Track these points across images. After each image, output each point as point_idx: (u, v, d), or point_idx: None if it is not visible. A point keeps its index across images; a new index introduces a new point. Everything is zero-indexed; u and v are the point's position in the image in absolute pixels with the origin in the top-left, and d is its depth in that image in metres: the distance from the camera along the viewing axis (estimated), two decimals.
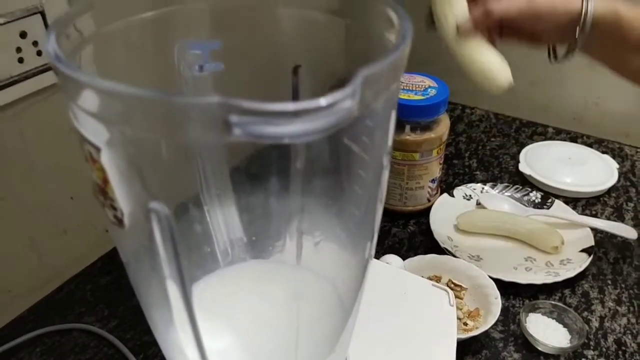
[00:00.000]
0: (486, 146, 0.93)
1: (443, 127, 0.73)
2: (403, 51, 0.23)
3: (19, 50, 0.54)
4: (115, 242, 0.29)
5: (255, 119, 0.19)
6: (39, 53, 0.55)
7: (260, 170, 0.34)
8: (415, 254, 0.68)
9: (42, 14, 0.54)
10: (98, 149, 0.21)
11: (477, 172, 0.87)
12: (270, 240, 0.37)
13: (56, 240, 0.66)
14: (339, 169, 0.32)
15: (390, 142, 0.32)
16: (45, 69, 0.57)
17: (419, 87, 0.72)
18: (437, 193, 0.79)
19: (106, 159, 0.21)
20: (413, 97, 0.70)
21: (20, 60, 0.54)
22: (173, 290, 0.27)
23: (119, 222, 0.23)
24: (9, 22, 0.52)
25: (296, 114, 0.19)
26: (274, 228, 0.36)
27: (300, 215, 0.33)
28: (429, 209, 0.76)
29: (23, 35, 0.53)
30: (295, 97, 0.33)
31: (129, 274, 0.31)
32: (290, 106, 0.19)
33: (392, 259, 0.58)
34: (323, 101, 0.19)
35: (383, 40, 0.28)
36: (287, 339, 0.31)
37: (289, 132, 0.19)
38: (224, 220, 0.36)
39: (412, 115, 0.70)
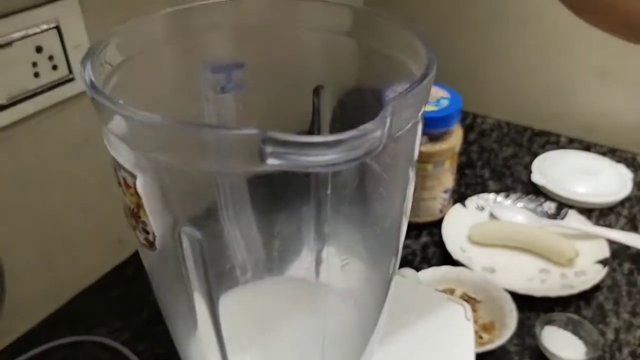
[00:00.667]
0: (498, 156, 0.92)
1: (456, 138, 0.72)
2: (430, 80, 0.23)
3: (34, 64, 0.54)
4: (143, 259, 0.28)
5: (288, 149, 0.19)
6: (55, 67, 0.55)
7: (281, 189, 0.34)
8: (429, 266, 0.67)
9: (58, 29, 0.54)
10: (133, 176, 0.21)
11: (490, 182, 0.86)
12: (291, 257, 0.36)
13: (67, 252, 0.66)
14: (362, 188, 0.31)
15: (416, 156, 0.32)
16: (60, 82, 0.57)
17: (431, 97, 0.71)
18: (449, 203, 0.78)
19: (140, 186, 0.21)
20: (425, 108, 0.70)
21: (36, 74, 0.55)
22: (200, 305, 0.27)
23: (150, 244, 0.23)
24: (25, 37, 0.52)
25: (328, 145, 0.19)
26: (295, 244, 0.36)
27: (321, 232, 0.32)
28: (441, 219, 0.76)
29: (39, 50, 0.54)
30: (315, 116, 0.33)
31: (154, 288, 0.31)
32: (322, 138, 0.19)
33: (408, 272, 0.58)
34: (355, 132, 0.19)
35: (403, 65, 0.28)
36: (312, 356, 0.31)
37: (321, 161, 0.19)
38: (242, 237, 0.36)
39: (424, 127, 0.69)
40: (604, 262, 0.69)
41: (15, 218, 0.59)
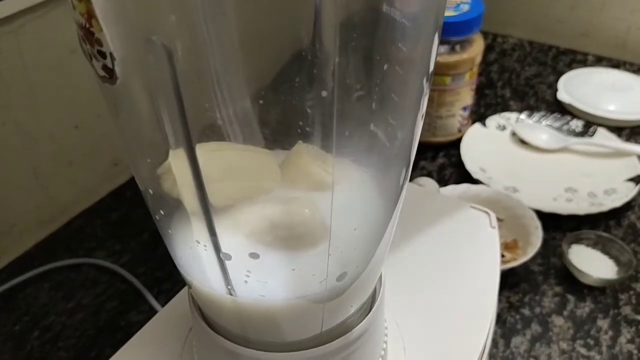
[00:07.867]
0: (520, 75, 0.86)
1: (476, 47, 0.66)
2: None
3: None
4: (107, 105, 0.23)
5: None
6: None
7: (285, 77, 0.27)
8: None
9: None
10: None
11: (512, 102, 0.80)
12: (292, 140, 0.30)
13: (61, 172, 0.62)
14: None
15: (432, 66, 0.27)
16: None
17: (451, 2, 0.65)
18: (468, 123, 0.73)
19: None
20: None
21: None
22: (178, 156, 0.22)
23: (110, 73, 0.18)
24: None
25: None
26: (296, 123, 0.30)
27: (330, 111, 0.26)
28: (459, 139, 0.71)
29: None
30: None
31: (126, 151, 0.26)
32: None
33: (426, 181, 0.53)
34: None
35: None
36: (318, 230, 0.26)
37: None
38: (237, 120, 0.31)
39: (443, 33, 0.63)
40: (635, 180, 0.64)
41: (3, 131, 0.55)
